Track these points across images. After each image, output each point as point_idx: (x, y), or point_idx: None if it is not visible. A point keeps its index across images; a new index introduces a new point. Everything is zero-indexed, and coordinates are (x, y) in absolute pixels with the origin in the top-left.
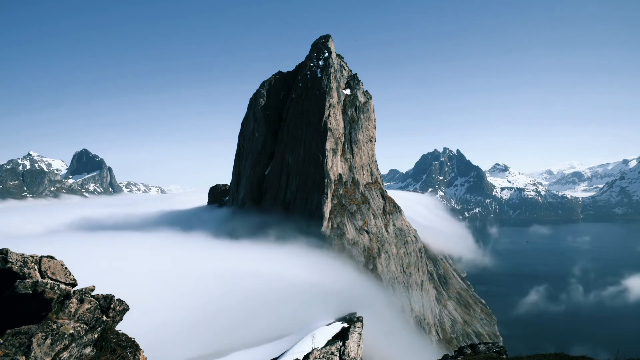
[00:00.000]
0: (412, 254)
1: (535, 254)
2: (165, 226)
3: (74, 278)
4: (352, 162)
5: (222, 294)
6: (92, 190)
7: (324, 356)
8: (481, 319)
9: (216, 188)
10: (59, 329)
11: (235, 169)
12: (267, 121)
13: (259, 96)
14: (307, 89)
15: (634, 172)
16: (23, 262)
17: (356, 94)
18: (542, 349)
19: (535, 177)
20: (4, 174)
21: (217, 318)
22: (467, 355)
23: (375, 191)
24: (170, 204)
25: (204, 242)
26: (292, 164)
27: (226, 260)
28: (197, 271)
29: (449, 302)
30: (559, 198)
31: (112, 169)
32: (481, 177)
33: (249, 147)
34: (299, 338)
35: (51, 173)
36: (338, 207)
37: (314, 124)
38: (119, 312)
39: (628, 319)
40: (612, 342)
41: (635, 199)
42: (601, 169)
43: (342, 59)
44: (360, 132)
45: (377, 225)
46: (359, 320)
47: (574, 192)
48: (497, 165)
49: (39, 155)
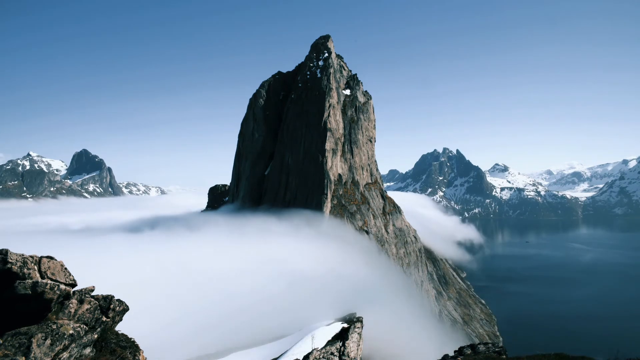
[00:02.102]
0: (412, 254)
1: (535, 254)
2: (165, 226)
3: (74, 278)
4: (352, 163)
5: (222, 294)
6: (91, 190)
7: (324, 356)
8: (481, 319)
9: (216, 188)
10: (59, 329)
11: (235, 169)
12: (267, 121)
13: (258, 96)
14: (306, 89)
15: (633, 172)
16: (23, 263)
17: (356, 94)
18: (542, 349)
19: (535, 177)
20: (3, 174)
21: (216, 318)
22: (467, 356)
23: (375, 191)
24: (170, 204)
25: (203, 242)
26: (292, 164)
27: (226, 261)
28: (196, 271)
29: (448, 302)
30: (558, 198)
31: (112, 170)
32: (481, 177)
33: (249, 148)
34: (298, 338)
35: (51, 173)
36: (338, 207)
37: (314, 124)
38: (118, 312)
39: (628, 319)
40: (612, 342)
41: (635, 199)
42: (601, 169)
43: (342, 59)
44: (360, 133)
45: (376, 226)
46: (359, 320)
47: (574, 193)
48: (497, 165)
49: (38, 155)
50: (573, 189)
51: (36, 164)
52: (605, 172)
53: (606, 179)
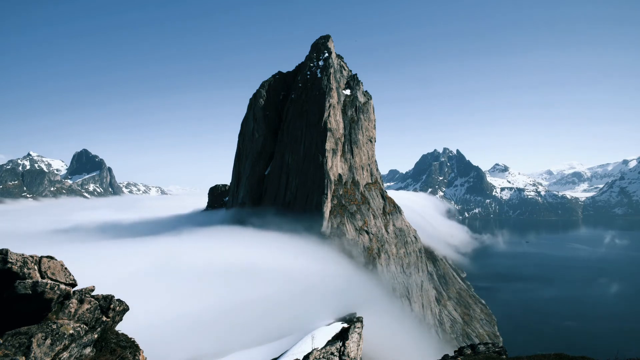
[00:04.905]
0: (412, 254)
1: (535, 254)
2: (165, 227)
3: (74, 278)
4: (352, 163)
5: (222, 294)
6: (91, 190)
7: (324, 356)
8: (481, 319)
9: (216, 188)
10: (59, 329)
11: (235, 169)
12: (267, 121)
13: (258, 96)
14: (307, 89)
15: (633, 172)
16: (23, 262)
17: (356, 94)
18: (542, 349)
19: (535, 177)
20: (3, 174)
21: (216, 318)
22: (467, 356)
23: (375, 191)
24: (170, 204)
25: (203, 242)
26: (292, 164)
27: (225, 261)
28: (196, 271)
29: (448, 302)
30: (558, 198)
31: (112, 169)
32: (481, 178)
33: (249, 147)
34: (298, 338)
35: (51, 173)
36: (338, 207)
37: (314, 124)
38: (118, 312)
39: (628, 319)
40: (612, 342)
41: (635, 199)
42: (601, 169)
43: (342, 59)
44: (360, 133)
45: (377, 226)
46: (359, 320)
47: (574, 193)
48: (497, 165)
49: (38, 155)
50: (573, 189)
51: (36, 163)
52: (606, 172)
53: (606, 179)
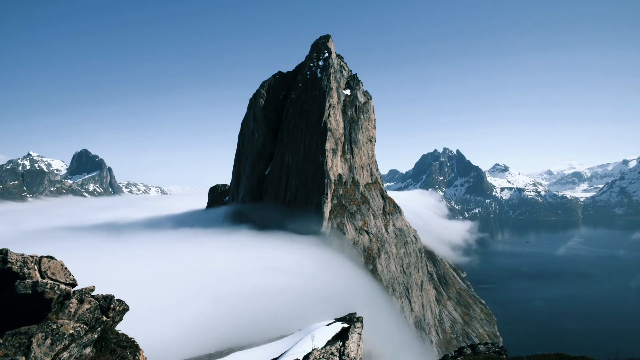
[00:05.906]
0: (412, 254)
1: (535, 254)
2: (165, 227)
3: (74, 278)
4: (352, 162)
5: (222, 294)
6: (91, 190)
7: (324, 356)
8: (481, 319)
9: (216, 188)
10: (59, 329)
11: (235, 169)
12: (267, 121)
13: (258, 96)
14: (307, 89)
15: (633, 172)
16: (23, 262)
17: (356, 94)
18: (542, 349)
19: (535, 177)
20: (3, 174)
21: (216, 318)
22: (467, 356)
23: (375, 191)
24: (170, 204)
25: (202, 242)
26: (292, 164)
27: (225, 261)
28: (196, 271)
29: (448, 302)
30: (558, 198)
31: (112, 169)
32: (481, 178)
33: (249, 147)
34: (298, 338)
35: (51, 173)
36: (338, 207)
37: (314, 124)
38: (118, 312)
39: (628, 319)
40: (612, 342)
41: (635, 199)
42: (601, 169)
43: (342, 59)
44: (360, 132)
45: (377, 226)
46: (359, 320)
47: (574, 193)
48: (497, 165)
49: (38, 155)
50: (573, 189)
51: (36, 163)
52: (606, 172)
53: (606, 179)
